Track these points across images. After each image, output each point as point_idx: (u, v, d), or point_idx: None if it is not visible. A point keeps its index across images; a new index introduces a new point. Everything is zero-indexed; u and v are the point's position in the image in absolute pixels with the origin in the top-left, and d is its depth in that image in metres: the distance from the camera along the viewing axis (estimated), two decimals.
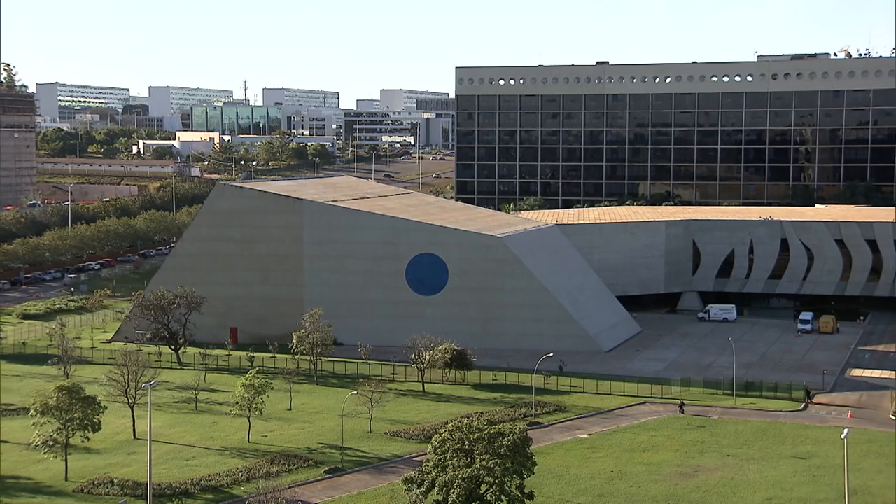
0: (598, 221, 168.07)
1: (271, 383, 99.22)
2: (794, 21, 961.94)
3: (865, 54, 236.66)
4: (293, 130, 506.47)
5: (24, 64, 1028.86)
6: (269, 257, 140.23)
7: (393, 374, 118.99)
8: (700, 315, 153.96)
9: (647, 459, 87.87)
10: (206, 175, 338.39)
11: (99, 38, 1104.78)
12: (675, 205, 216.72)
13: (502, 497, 67.89)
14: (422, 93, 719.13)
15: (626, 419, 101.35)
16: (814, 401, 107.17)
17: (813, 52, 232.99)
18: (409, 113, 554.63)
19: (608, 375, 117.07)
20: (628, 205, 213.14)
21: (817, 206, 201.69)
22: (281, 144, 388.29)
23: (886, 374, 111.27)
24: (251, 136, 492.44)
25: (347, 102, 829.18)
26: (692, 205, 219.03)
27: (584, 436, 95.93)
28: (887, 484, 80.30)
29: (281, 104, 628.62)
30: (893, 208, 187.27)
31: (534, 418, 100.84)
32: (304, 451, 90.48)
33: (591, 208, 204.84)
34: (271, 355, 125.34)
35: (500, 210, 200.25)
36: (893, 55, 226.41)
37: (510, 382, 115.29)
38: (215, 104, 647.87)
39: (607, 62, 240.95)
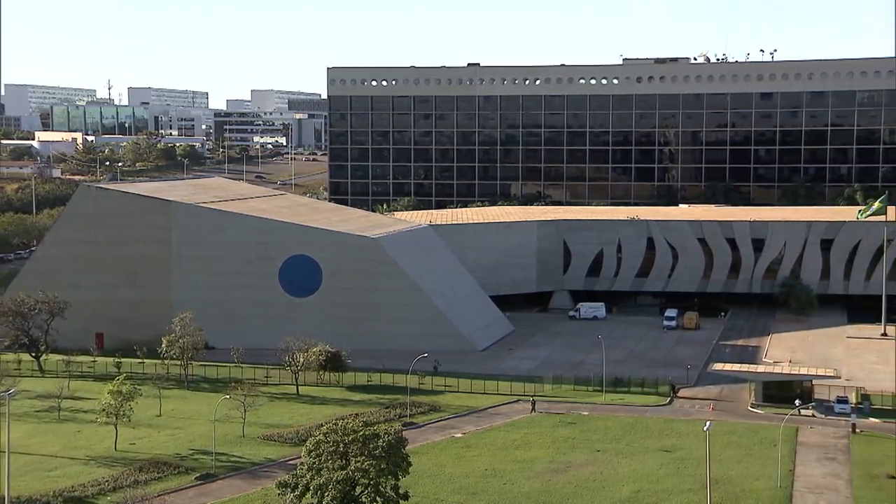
0: (471, 222, 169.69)
1: (139, 389, 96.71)
2: (657, 25, 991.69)
3: (723, 59, 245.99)
4: (161, 131, 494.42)
5: None
6: (137, 260, 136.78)
7: (266, 377, 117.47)
8: (571, 314, 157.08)
9: (521, 457, 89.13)
10: (68, 176, 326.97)
11: None
12: (546, 205, 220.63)
13: (377, 498, 67.81)
14: (293, 93, 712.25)
15: (500, 418, 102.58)
16: (679, 395, 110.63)
17: (675, 55, 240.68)
18: (281, 113, 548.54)
19: (482, 374, 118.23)
20: (500, 205, 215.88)
21: (681, 205, 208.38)
22: (148, 145, 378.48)
23: (745, 367, 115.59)
24: (116, 136, 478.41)
25: (217, 102, 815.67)
26: (562, 205, 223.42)
27: (459, 435, 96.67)
28: (746, 473, 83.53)
29: (147, 104, 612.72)
30: (750, 208, 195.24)
31: (409, 419, 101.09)
32: (175, 458, 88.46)
33: (464, 209, 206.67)
34: (140, 360, 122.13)
35: (373, 211, 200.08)
36: (751, 59, 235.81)
37: (385, 383, 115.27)
38: (77, 103, 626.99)
39: (478, 64, 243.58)
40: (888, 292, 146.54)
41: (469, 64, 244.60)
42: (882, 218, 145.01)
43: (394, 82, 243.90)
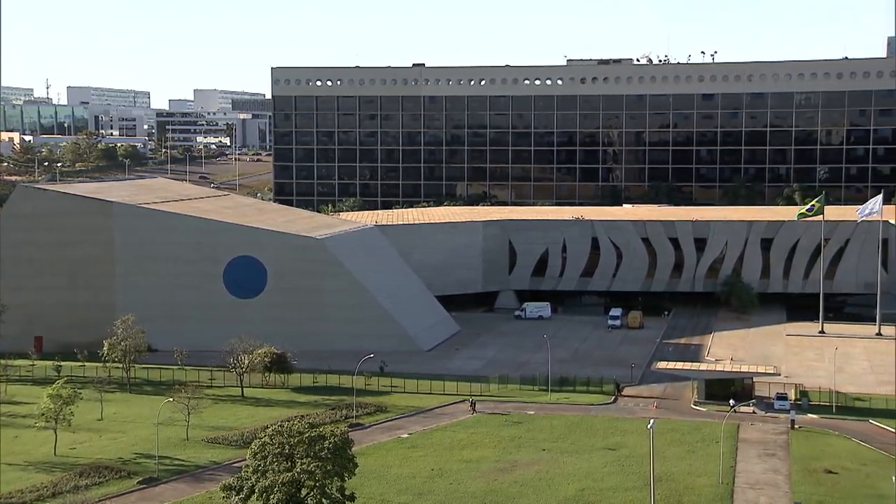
0: (417, 222, 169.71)
1: (80, 393, 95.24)
2: (601, 26, 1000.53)
3: (665, 60, 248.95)
4: (101, 131, 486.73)
5: None
6: (77, 262, 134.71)
7: (211, 379, 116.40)
8: (516, 313, 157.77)
9: (467, 456, 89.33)
10: (4, 177, 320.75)
11: None
12: (492, 205, 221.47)
13: (323, 500, 67.47)
14: (237, 93, 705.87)
15: (446, 417, 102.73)
16: (623, 393, 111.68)
17: (618, 56, 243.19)
18: (225, 114, 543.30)
19: (428, 375, 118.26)
20: (446, 205, 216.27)
21: (625, 205, 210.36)
22: (88, 145, 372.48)
23: (688, 365, 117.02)
24: (55, 136, 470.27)
25: (159, 102, 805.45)
26: (508, 205, 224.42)
27: (405, 435, 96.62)
28: (689, 470, 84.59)
29: (87, 103, 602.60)
30: (693, 208, 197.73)
31: (355, 419, 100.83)
32: (117, 462, 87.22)
33: (410, 209, 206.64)
34: (80, 364, 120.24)
35: (319, 212, 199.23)
36: (692, 61, 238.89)
37: (331, 384, 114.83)
38: (14, 102, 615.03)
39: (423, 64, 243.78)
40: (825, 291, 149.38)
41: (414, 64, 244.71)
42: (819, 218, 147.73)
43: (339, 82, 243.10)
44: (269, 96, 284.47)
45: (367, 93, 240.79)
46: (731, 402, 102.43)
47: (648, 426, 77.78)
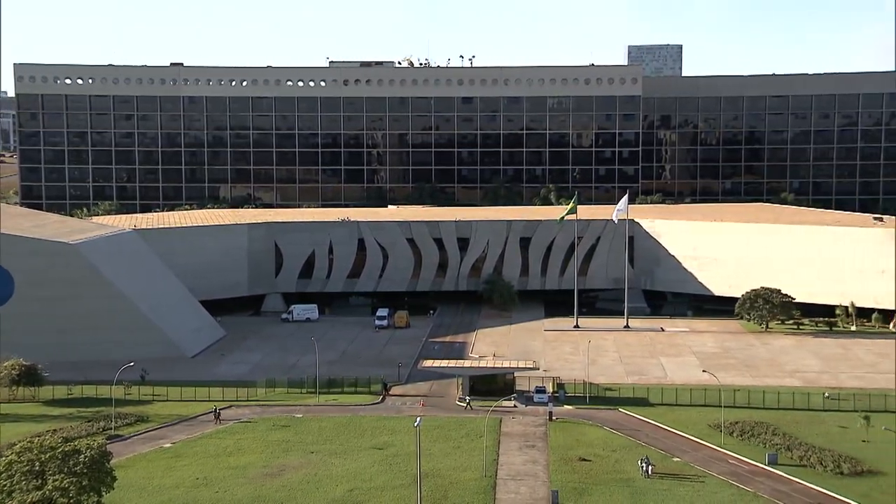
0: (178, 225, 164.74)
1: None
2: (362, 28, 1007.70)
3: (426, 63, 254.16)
4: None
5: None
6: None
7: None
8: (284, 316, 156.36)
9: (234, 463, 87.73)
10: None
11: None
12: (257, 207, 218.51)
13: None
14: None
15: (212, 424, 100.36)
16: (390, 393, 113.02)
17: (380, 59, 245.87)
18: None
19: (193, 381, 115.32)
20: (210, 208, 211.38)
21: (390, 206, 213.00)
22: None
23: (453, 363, 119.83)
24: None
25: None
26: (273, 207, 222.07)
27: (168, 445, 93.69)
28: (454, 465, 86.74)
29: None
30: (455, 208, 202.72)
31: (114, 431, 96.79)
32: None
33: (171, 212, 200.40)
34: None
35: (72, 216, 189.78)
36: (453, 65, 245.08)
37: (88, 395, 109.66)
38: None
39: (182, 64, 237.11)
40: (579, 287, 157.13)
41: (172, 63, 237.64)
42: (573, 217, 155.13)
43: (90, 81, 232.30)
44: (12, 94, 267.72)
45: (122, 92, 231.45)
46: (467, 399, 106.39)
47: (415, 424, 79.12)
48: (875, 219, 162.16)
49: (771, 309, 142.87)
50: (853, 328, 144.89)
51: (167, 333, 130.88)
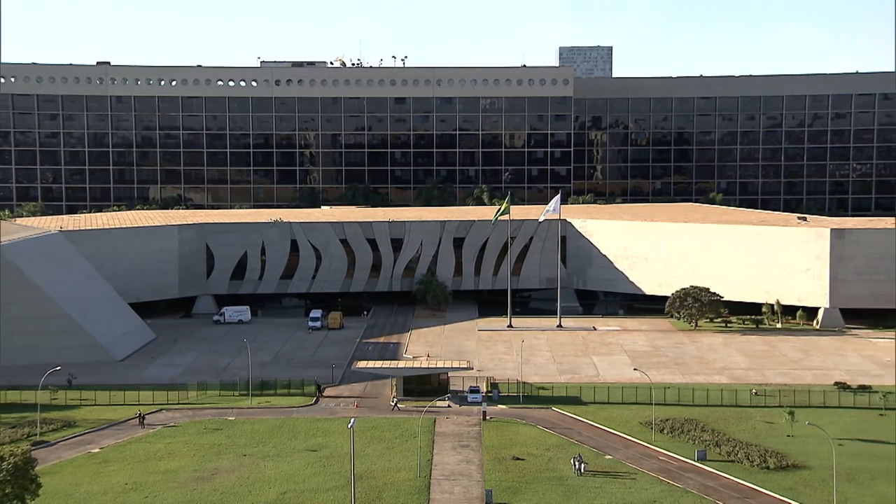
0: (107, 227, 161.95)
1: None
2: (294, 28, 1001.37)
3: (358, 64, 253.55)
4: None
5: None
6: None
7: None
8: (215, 318, 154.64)
9: (164, 467, 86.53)
10: None
11: None
12: (188, 208, 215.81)
13: None
14: None
15: (142, 428, 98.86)
16: (324, 394, 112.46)
17: (312, 59, 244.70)
18: None
19: (121, 385, 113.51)
20: (139, 209, 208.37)
21: (323, 207, 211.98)
22: None
23: (387, 363, 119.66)
24: None
25: None
26: (204, 208, 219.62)
27: (96, 450, 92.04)
28: (389, 466, 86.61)
29: None
30: (389, 209, 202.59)
31: (39, 437, 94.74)
32: None
33: (99, 213, 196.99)
34: None
35: None
36: (385, 65, 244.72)
37: (11, 401, 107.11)
38: None
39: (109, 63, 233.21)
40: (512, 287, 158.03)
41: (99, 62, 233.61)
42: (506, 217, 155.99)
43: (13, 80, 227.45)
44: None
45: (46, 91, 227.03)
46: (393, 401, 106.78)
47: (349, 425, 78.79)
48: (799, 218, 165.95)
49: (700, 307, 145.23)
50: (778, 325, 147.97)
51: (95, 337, 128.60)
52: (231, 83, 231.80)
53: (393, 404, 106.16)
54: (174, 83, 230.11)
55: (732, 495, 79.90)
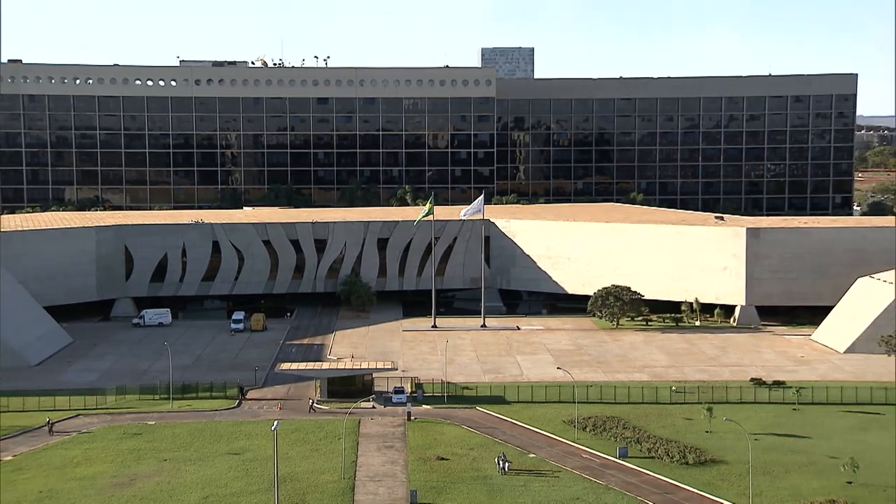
0: (20, 229, 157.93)
1: None
2: (214, 27, 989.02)
3: (279, 64, 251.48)
4: None
5: None
6: None
7: None
8: (135, 321, 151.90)
9: (81, 474, 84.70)
10: None
11: None
12: (105, 210, 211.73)
13: None
14: None
15: (57, 435, 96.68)
16: (247, 397, 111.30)
17: (232, 59, 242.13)
18: None
19: (36, 391, 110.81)
20: (54, 210, 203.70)
21: (245, 208, 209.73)
22: None
23: (311, 365, 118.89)
24: None
25: None
26: (123, 209, 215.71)
27: (9, 458, 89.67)
28: (313, 468, 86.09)
29: None
30: (312, 210, 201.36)
31: None
32: None
33: (12, 215, 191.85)
34: None
35: None
36: (307, 65, 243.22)
37: None
38: None
39: (21, 60, 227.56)
40: (436, 287, 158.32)
41: (10, 60, 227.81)
42: (430, 218, 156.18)
43: None
44: None
45: None
46: (312, 402, 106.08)
47: (272, 428, 78.14)
48: (716, 218, 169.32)
49: (622, 306, 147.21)
50: (697, 323, 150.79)
51: (7, 341, 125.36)
52: (150, 82, 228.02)
53: (311, 404, 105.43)
54: (90, 82, 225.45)
55: (653, 491, 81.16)
